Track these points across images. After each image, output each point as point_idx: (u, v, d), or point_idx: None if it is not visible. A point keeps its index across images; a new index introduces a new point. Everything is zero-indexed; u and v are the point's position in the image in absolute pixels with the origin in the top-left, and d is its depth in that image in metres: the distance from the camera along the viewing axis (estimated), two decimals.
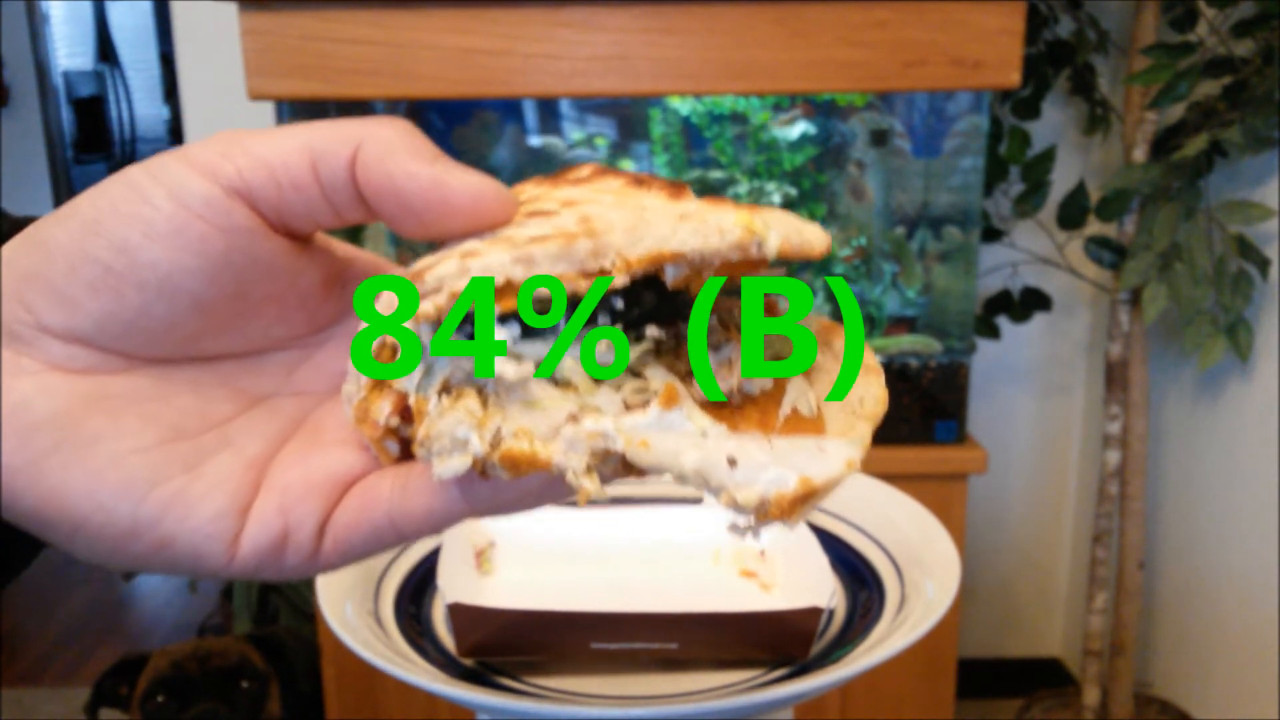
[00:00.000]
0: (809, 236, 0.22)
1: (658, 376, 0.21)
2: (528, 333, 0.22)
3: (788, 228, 0.22)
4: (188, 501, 0.23)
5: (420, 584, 0.52)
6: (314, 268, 0.25)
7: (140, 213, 0.22)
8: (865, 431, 0.22)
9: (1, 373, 0.22)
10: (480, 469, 0.22)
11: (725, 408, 0.21)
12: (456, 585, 0.47)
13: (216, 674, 1.29)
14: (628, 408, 0.21)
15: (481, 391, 0.22)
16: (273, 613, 1.76)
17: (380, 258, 0.28)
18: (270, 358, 0.26)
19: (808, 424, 0.22)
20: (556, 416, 0.21)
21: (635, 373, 0.22)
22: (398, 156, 0.22)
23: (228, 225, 0.22)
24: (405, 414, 0.23)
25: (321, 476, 0.24)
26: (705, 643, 0.45)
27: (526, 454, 0.21)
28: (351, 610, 0.47)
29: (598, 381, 0.21)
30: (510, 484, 0.23)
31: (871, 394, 0.23)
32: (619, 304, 0.21)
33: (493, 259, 0.21)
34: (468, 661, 0.46)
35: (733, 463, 0.20)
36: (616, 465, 0.21)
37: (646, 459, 0.20)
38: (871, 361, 0.24)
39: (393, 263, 0.28)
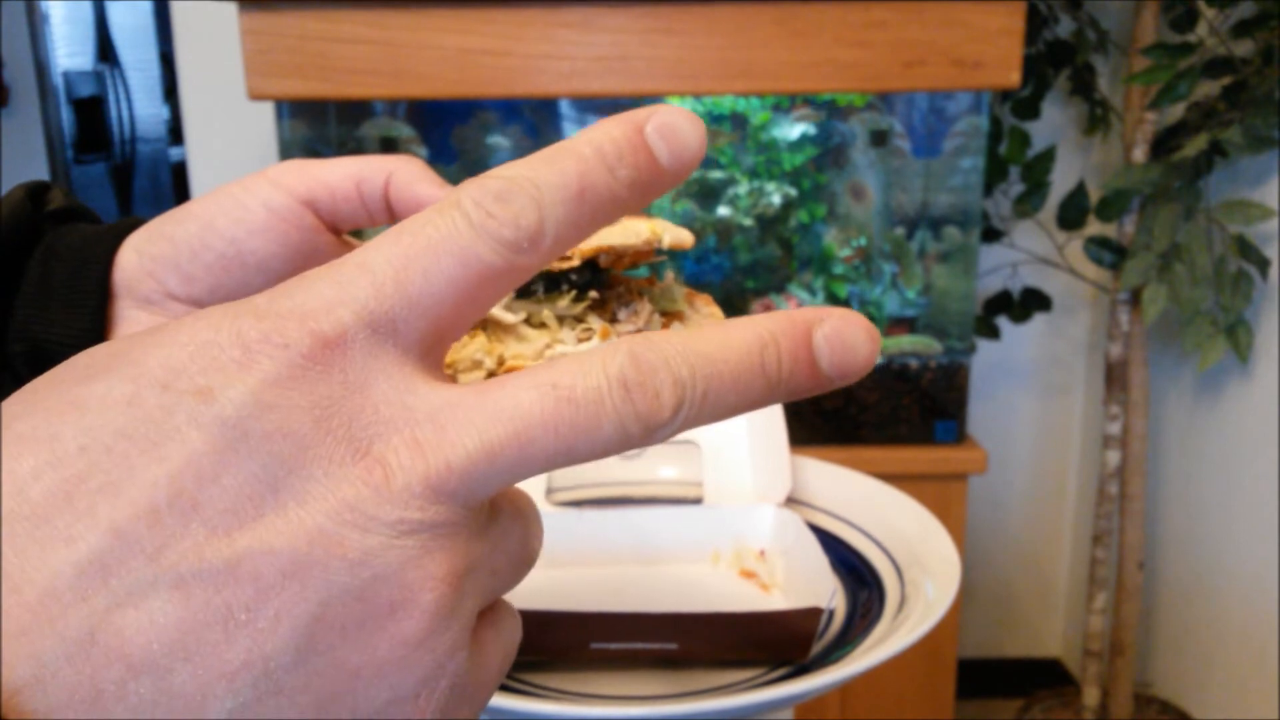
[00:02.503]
0: (684, 237, 0.35)
1: (596, 322, 0.34)
2: (517, 294, 0.34)
3: (674, 231, 0.35)
4: None
5: None
6: (347, 253, 0.32)
7: (243, 217, 0.32)
8: None
9: (136, 327, 0.32)
10: (487, 373, 0.34)
11: None
12: None
13: None
14: (579, 341, 0.34)
15: (486, 330, 0.34)
16: None
17: None
18: None
19: None
20: (538, 345, 0.33)
21: (580, 319, 0.34)
22: (419, 182, 0.33)
23: (300, 225, 0.33)
24: None
25: None
26: (705, 643, 0.45)
27: (519, 367, 0.31)
28: None
29: (561, 323, 0.33)
30: None
31: None
32: (573, 276, 0.34)
33: None
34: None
35: None
36: None
37: None
38: (718, 313, 0.36)
39: None
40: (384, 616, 0.18)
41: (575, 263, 0.34)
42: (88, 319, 0.32)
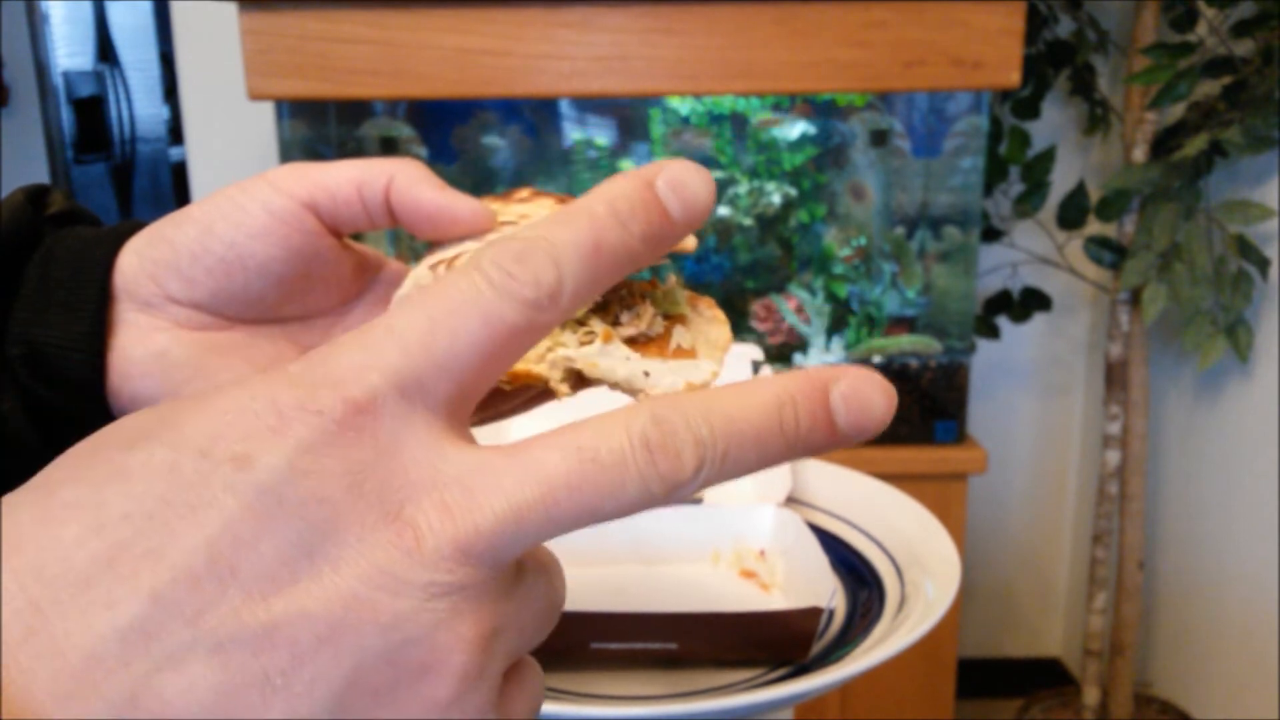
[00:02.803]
0: (687, 242, 0.35)
1: (598, 325, 0.33)
2: None
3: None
4: None
5: None
6: (348, 258, 0.35)
7: (243, 221, 0.32)
8: (721, 356, 0.34)
9: (135, 329, 0.32)
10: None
11: (637, 343, 0.34)
12: None
13: None
14: (581, 344, 0.33)
15: None
16: None
17: (382, 254, 0.38)
18: (315, 321, 0.36)
19: (686, 353, 0.34)
20: (540, 348, 0.32)
21: (582, 323, 0.33)
22: (420, 185, 0.32)
23: (300, 228, 0.32)
24: None
25: None
26: (705, 643, 0.45)
27: (523, 370, 0.32)
28: None
29: (563, 327, 0.33)
30: (510, 393, 0.34)
31: (723, 334, 0.36)
32: None
33: None
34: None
35: (646, 374, 0.33)
36: (576, 379, 0.33)
37: (595, 373, 0.32)
38: (721, 317, 0.36)
39: (390, 257, 0.38)
40: (415, 679, 0.19)
41: None
42: (87, 322, 0.32)
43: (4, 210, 0.33)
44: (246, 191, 0.32)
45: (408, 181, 0.33)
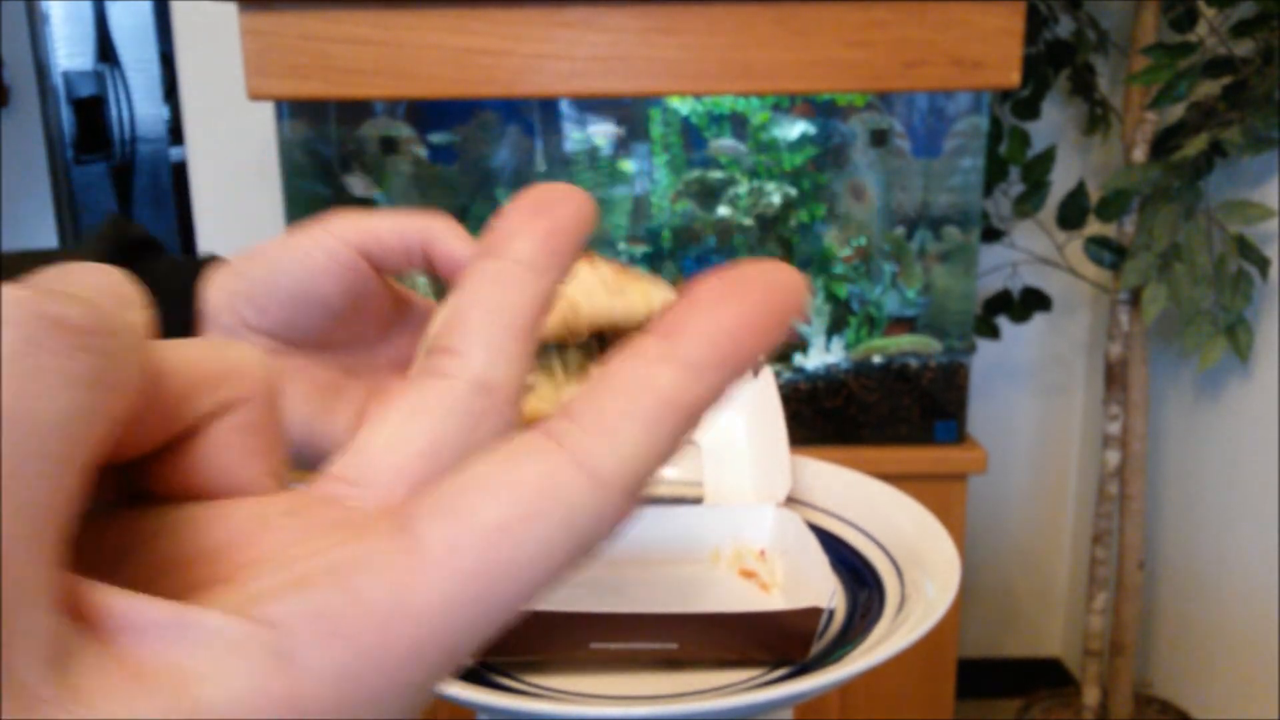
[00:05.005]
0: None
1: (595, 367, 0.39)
2: (539, 351, 0.39)
3: (665, 295, 0.41)
4: (327, 424, 0.41)
5: None
6: (390, 295, 0.41)
7: (307, 262, 0.38)
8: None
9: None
10: None
11: None
12: None
13: None
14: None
15: None
16: None
17: (416, 292, 0.44)
18: (360, 347, 0.42)
19: None
20: (548, 393, 0.39)
21: (584, 371, 0.40)
22: (453, 241, 0.38)
23: (354, 270, 0.39)
24: None
25: None
26: (705, 643, 0.45)
27: (532, 411, 0.38)
28: None
29: (568, 377, 0.39)
30: None
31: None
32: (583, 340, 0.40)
33: None
34: (468, 661, 0.46)
35: None
36: None
37: None
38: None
39: (420, 295, 0.45)
40: None
41: (584, 337, 0.39)
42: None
43: (100, 241, 0.38)
44: (311, 237, 0.38)
45: (443, 237, 0.39)
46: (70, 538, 0.13)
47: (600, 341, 0.41)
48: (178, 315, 0.38)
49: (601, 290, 0.40)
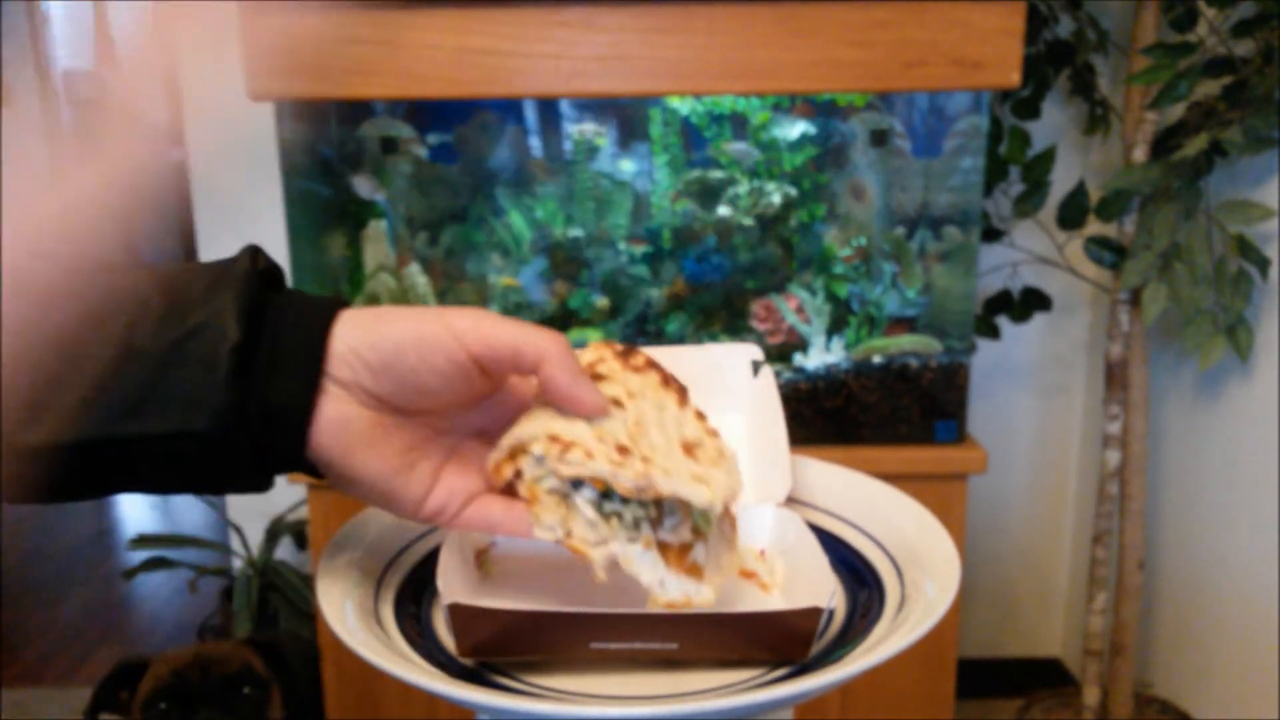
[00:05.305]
0: (735, 495, 0.45)
1: (645, 529, 0.45)
2: (603, 495, 0.45)
3: (731, 491, 0.45)
4: (408, 480, 0.45)
5: (420, 584, 0.52)
6: (487, 384, 0.45)
7: (428, 357, 0.42)
8: (719, 582, 0.46)
9: (333, 399, 0.43)
10: (555, 539, 0.46)
11: (668, 549, 0.46)
12: (456, 585, 0.48)
13: (219, 681, 1.29)
14: (628, 540, 0.45)
15: (565, 499, 0.45)
16: (272, 613, 1.76)
17: (511, 376, 0.47)
18: (450, 413, 0.47)
19: (696, 569, 0.46)
20: (595, 536, 0.45)
21: (633, 524, 0.45)
22: (560, 372, 0.43)
23: (466, 374, 0.43)
24: (509, 487, 0.47)
25: (462, 485, 0.47)
26: (705, 643, 0.45)
27: (579, 549, 0.45)
28: (351, 610, 0.47)
29: (614, 529, 0.45)
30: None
31: (731, 560, 0.47)
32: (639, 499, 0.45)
33: (599, 465, 0.43)
34: (468, 661, 0.46)
35: (662, 584, 0.45)
36: (613, 565, 0.45)
37: (629, 568, 0.45)
38: (735, 539, 0.48)
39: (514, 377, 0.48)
40: None
41: (648, 498, 0.44)
42: (305, 392, 0.42)
43: (244, 281, 0.41)
44: (436, 334, 0.42)
45: (553, 364, 0.43)
46: None
47: (658, 507, 0.46)
48: (309, 368, 0.41)
49: (684, 471, 0.44)
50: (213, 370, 0.40)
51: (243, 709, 1.29)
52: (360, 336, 0.42)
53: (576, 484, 0.45)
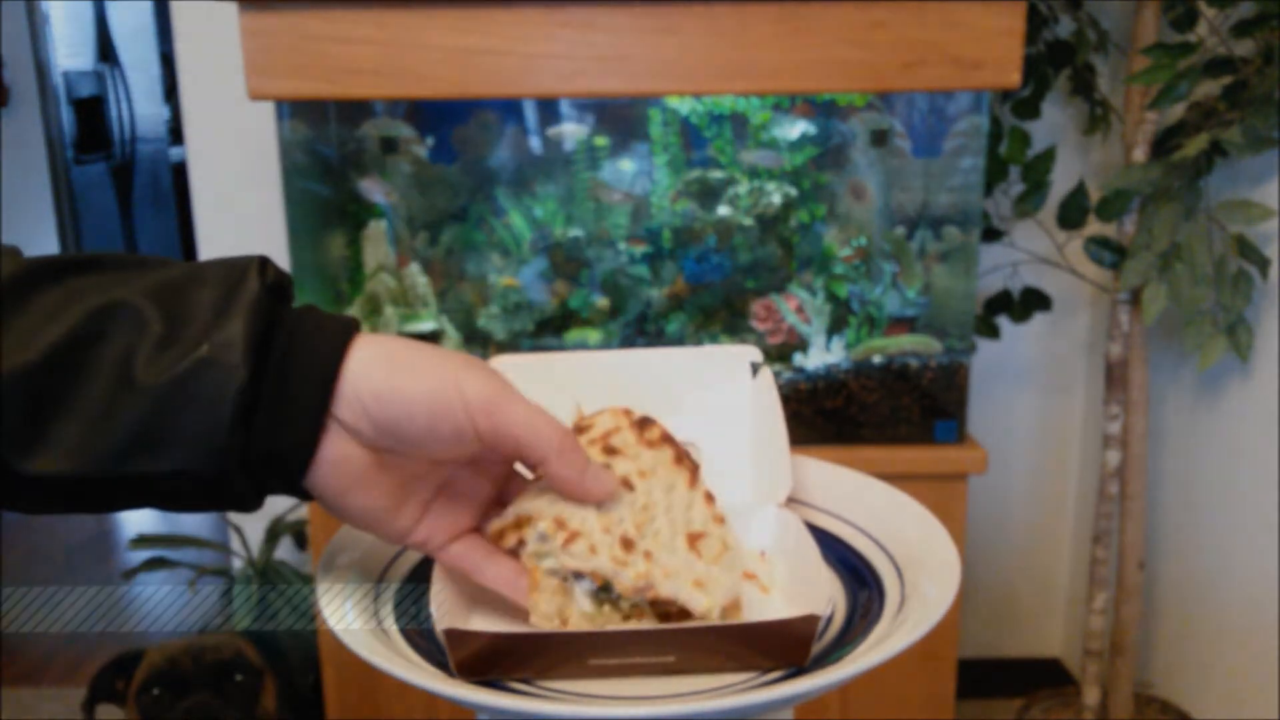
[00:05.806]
0: (734, 599, 0.47)
1: (643, 610, 0.47)
2: (602, 588, 0.46)
3: (729, 597, 0.46)
4: (396, 516, 0.46)
5: (420, 584, 0.52)
6: (483, 448, 0.45)
7: (436, 428, 0.42)
8: (721, 602, 0.47)
9: (334, 439, 0.43)
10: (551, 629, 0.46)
11: (666, 615, 0.48)
12: (449, 605, 0.47)
13: (210, 668, 1.29)
14: (624, 618, 0.46)
15: (564, 583, 0.46)
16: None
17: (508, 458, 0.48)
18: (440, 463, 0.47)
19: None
20: (591, 625, 0.46)
21: (629, 609, 0.47)
22: (566, 468, 0.44)
23: (469, 439, 0.43)
24: (514, 549, 0.48)
25: (449, 523, 0.48)
26: (703, 654, 0.45)
27: (577, 631, 0.45)
28: (351, 610, 0.47)
29: (604, 614, 0.47)
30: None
31: (735, 581, 0.47)
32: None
33: (602, 562, 0.45)
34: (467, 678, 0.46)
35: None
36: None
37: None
38: (737, 562, 0.48)
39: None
40: None
41: (647, 599, 0.45)
42: (309, 437, 0.41)
43: (265, 292, 0.41)
44: (448, 403, 0.42)
45: (558, 463, 0.44)
46: None
47: (651, 604, 0.46)
48: (314, 416, 0.41)
49: (686, 573, 0.45)
50: (218, 411, 0.39)
51: (234, 695, 1.29)
52: (370, 386, 0.42)
53: (578, 574, 0.46)
